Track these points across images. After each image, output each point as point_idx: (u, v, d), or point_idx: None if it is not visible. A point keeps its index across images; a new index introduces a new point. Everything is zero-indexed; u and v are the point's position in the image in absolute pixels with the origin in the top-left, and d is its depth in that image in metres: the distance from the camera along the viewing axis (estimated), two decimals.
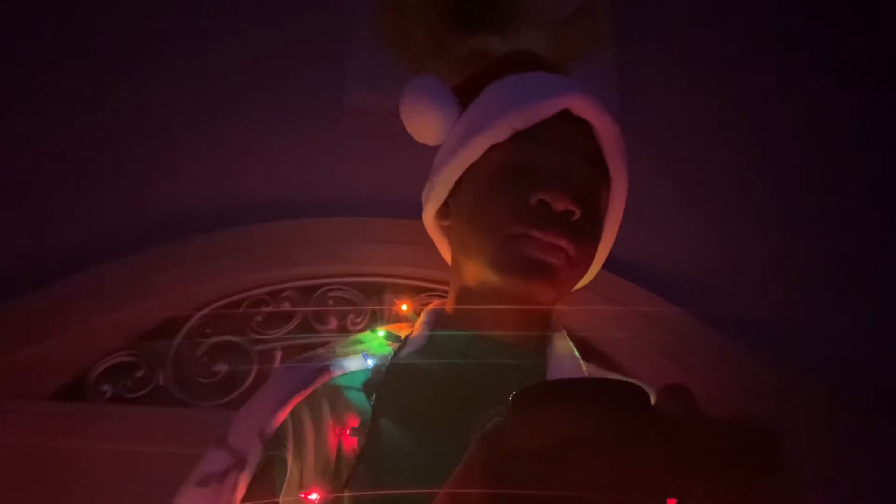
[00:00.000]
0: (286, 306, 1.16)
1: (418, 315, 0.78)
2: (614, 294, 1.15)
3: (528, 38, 1.37)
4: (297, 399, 0.65)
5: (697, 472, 0.31)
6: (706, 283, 1.26)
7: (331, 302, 1.16)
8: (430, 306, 0.79)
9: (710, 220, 1.32)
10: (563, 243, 0.66)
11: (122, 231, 1.20)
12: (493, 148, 0.71)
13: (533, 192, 0.67)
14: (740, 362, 1.13)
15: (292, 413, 0.65)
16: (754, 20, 1.50)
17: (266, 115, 1.33)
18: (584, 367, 0.72)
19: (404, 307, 0.96)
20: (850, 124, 1.42)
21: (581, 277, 0.74)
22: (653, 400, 0.34)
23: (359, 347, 0.72)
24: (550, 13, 1.40)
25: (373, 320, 1.14)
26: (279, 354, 1.12)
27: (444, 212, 0.78)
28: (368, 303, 1.16)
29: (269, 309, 1.15)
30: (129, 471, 1.02)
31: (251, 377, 1.10)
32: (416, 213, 0.82)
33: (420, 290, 1.16)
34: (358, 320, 1.15)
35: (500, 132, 0.71)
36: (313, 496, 0.60)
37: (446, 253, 0.82)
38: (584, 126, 0.72)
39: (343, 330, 1.14)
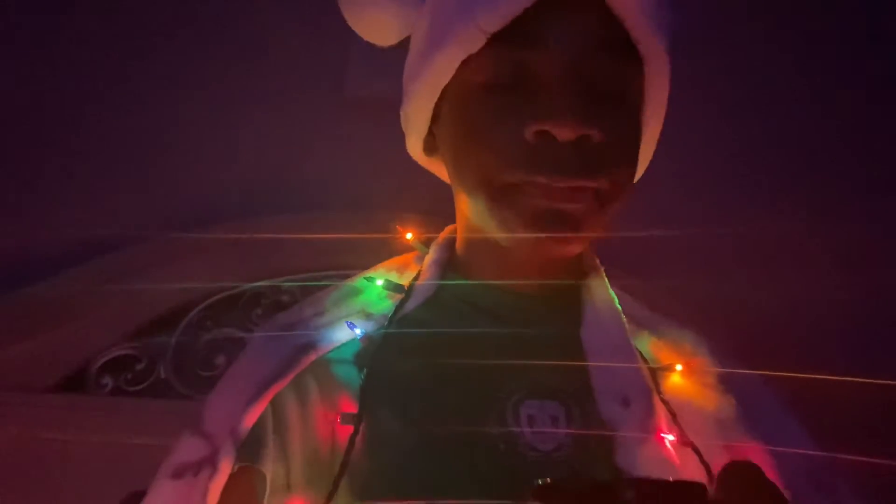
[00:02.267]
0: (285, 299, 1.16)
1: (426, 246, 0.63)
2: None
3: None
4: (275, 389, 0.51)
5: None
6: (707, 282, 1.25)
7: None
8: (442, 235, 0.63)
9: (711, 219, 1.32)
10: (587, 182, 0.49)
11: (122, 224, 1.20)
12: (467, 61, 0.51)
13: (528, 122, 0.48)
14: (741, 362, 1.13)
15: (273, 401, 0.52)
16: (754, 20, 1.50)
17: (267, 106, 1.33)
18: (625, 324, 0.57)
19: (409, 235, 0.71)
20: (852, 123, 1.42)
21: (620, 206, 0.54)
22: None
23: (353, 305, 0.58)
24: None
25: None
26: None
27: (430, 143, 0.60)
28: None
29: (268, 301, 1.15)
30: (130, 463, 1.02)
31: None
32: (419, 205, 0.81)
33: None
34: None
35: (468, 39, 0.50)
36: None
37: (444, 176, 0.63)
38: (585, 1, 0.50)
39: None
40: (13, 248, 1.17)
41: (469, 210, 0.56)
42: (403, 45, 0.62)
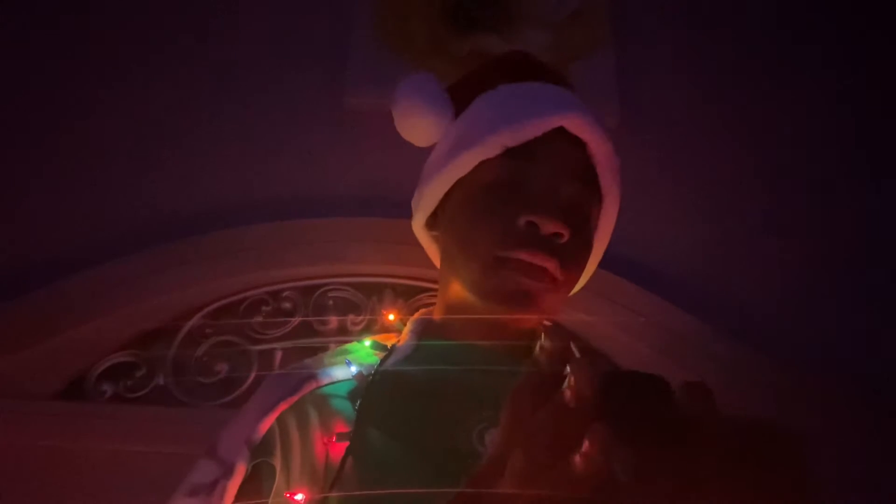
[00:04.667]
0: (286, 306, 1.16)
1: (405, 324, 0.78)
2: (614, 294, 1.15)
3: (528, 38, 1.37)
4: (283, 406, 0.65)
5: (717, 467, 0.31)
6: (706, 282, 1.26)
7: (331, 302, 1.16)
8: (416, 315, 0.78)
9: (710, 219, 1.32)
10: (551, 265, 0.65)
11: (122, 231, 1.20)
12: (482, 163, 0.70)
13: (522, 214, 0.66)
14: (740, 362, 1.13)
15: (279, 420, 0.65)
16: (754, 20, 1.50)
17: (266, 115, 1.33)
18: None
19: (391, 317, 0.98)
20: (849, 123, 1.42)
21: (566, 296, 0.73)
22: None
23: (345, 357, 0.72)
24: (550, 13, 1.40)
25: (372, 320, 1.14)
26: (279, 354, 1.12)
27: (432, 222, 0.78)
28: (369, 303, 1.16)
29: (269, 309, 1.15)
30: (130, 471, 1.02)
31: (251, 377, 1.10)
32: None
33: (420, 290, 1.16)
34: (358, 320, 1.15)
35: (490, 149, 0.70)
36: (299, 496, 0.60)
37: (435, 257, 0.81)
38: (577, 143, 0.70)
39: (343, 330, 1.14)
40: (11, 255, 1.17)
41: (459, 279, 0.70)
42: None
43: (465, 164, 0.71)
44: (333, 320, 1.15)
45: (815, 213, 1.35)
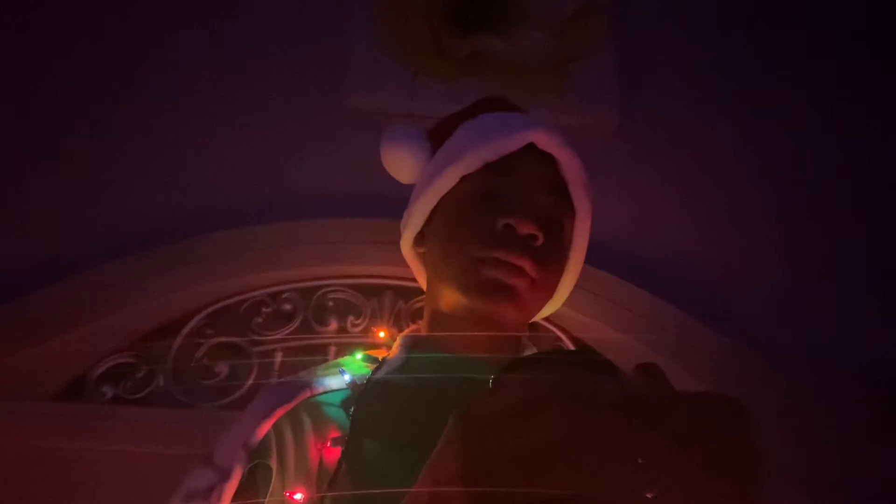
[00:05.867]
0: (286, 308, 1.16)
1: (395, 340, 0.82)
2: (613, 295, 1.16)
3: (528, 38, 1.37)
4: (279, 412, 0.68)
5: (662, 436, 0.32)
6: (705, 281, 1.26)
7: (331, 303, 1.16)
8: (405, 332, 0.83)
9: (710, 219, 1.32)
10: (526, 265, 0.71)
11: (122, 231, 1.20)
12: (464, 178, 0.77)
13: (499, 218, 0.72)
14: (739, 362, 1.13)
15: (275, 427, 0.68)
16: (754, 20, 1.50)
17: (266, 115, 1.33)
18: None
19: (381, 334, 1.03)
20: (849, 123, 1.42)
21: (545, 301, 0.79)
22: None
23: (339, 368, 0.76)
24: (550, 13, 1.39)
25: (372, 322, 1.14)
26: (279, 356, 1.12)
27: (419, 239, 0.83)
28: (369, 304, 1.16)
29: (269, 310, 1.15)
30: (130, 472, 1.02)
31: (252, 378, 1.10)
32: None
33: (420, 292, 1.15)
34: (358, 322, 1.15)
35: (470, 163, 0.77)
36: (298, 496, 0.63)
37: (422, 279, 0.87)
38: (549, 160, 0.78)
39: (343, 331, 1.14)
40: (11, 255, 1.17)
41: (445, 281, 0.75)
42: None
43: (448, 178, 0.78)
44: (333, 321, 1.15)
45: (816, 214, 1.35)
